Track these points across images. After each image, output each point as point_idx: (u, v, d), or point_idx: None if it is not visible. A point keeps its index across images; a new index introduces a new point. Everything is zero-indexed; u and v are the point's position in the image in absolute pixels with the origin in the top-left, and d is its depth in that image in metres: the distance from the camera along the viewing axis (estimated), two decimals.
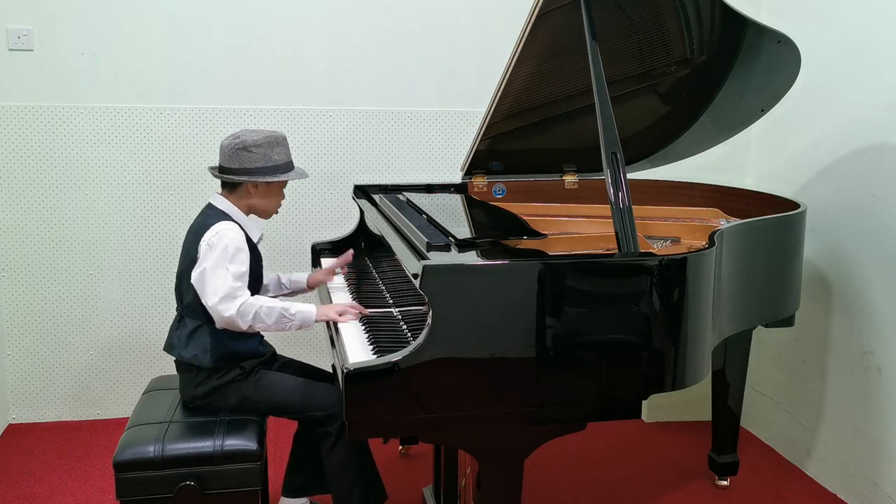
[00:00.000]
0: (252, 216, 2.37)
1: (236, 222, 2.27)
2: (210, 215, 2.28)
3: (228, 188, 2.32)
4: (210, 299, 2.17)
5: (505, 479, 1.90)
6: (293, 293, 2.63)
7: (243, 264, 2.21)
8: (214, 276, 2.16)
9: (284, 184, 2.37)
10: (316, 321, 2.24)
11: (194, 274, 2.20)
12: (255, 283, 2.35)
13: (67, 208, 3.26)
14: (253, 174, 2.26)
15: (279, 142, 2.30)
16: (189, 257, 2.25)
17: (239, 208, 2.31)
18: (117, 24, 3.20)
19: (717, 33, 2.47)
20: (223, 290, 2.15)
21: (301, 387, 2.31)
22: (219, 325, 2.21)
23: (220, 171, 2.30)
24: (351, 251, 2.68)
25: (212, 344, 2.23)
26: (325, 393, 2.30)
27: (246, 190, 2.30)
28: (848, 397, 2.88)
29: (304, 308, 2.23)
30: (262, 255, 2.40)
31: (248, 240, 2.28)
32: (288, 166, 2.33)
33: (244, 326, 2.20)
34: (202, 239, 2.21)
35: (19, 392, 3.35)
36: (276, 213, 2.41)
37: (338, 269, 2.67)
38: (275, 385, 2.30)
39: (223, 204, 2.30)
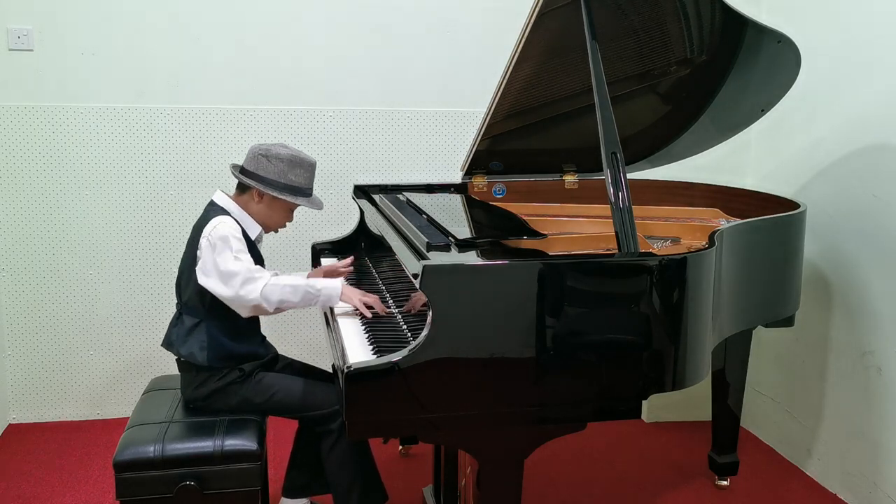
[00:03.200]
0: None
1: (235, 218, 2.27)
2: (209, 211, 2.29)
3: (240, 188, 2.34)
4: (229, 290, 2.14)
5: (505, 479, 1.90)
6: None
7: (247, 250, 2.21)
8: (226, 267, 2.15)
9: (293, 207, 2.36)
10: (341, 301, 2.22)
11: (200, 276, 2.19)
12: None
13: (67, 208, 3.26)
14: (261, 182, 2.27)
15: (303, 165, 2.30)
16: (191, 254, 2.26)
17: (241, 207, 2.32)
18: (117, 24, 3.20)
19: (717, 33, 2.47)
20: (242, 275, 2.14)
21: (301, 385, 2.32)
22: (245, 314, 2.20)
23: (240, 170, 2.32)
24: (352, 258, 2.67)
25: (208, 342, 2.24)
26: (326, 391, 2.31)
27: (251, 196, 2.31)
28: (848, 397, 2.88)
29: (330, 284, 2.22)
30: (263, 256, 2.41)
31: (247, 236, 2.28)
32: (302, 191, 2.32)
33: (270, 309, 2.18)
34: (202, 235, 2.22)
35: (19, 392, 3.35)
36: (276, 231, 2.41)
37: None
38: (275, 385, 2.30)
39: (224, 201, 2.31)
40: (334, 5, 3.34)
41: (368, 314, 2.19)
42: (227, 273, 2.15)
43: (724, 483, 2.98)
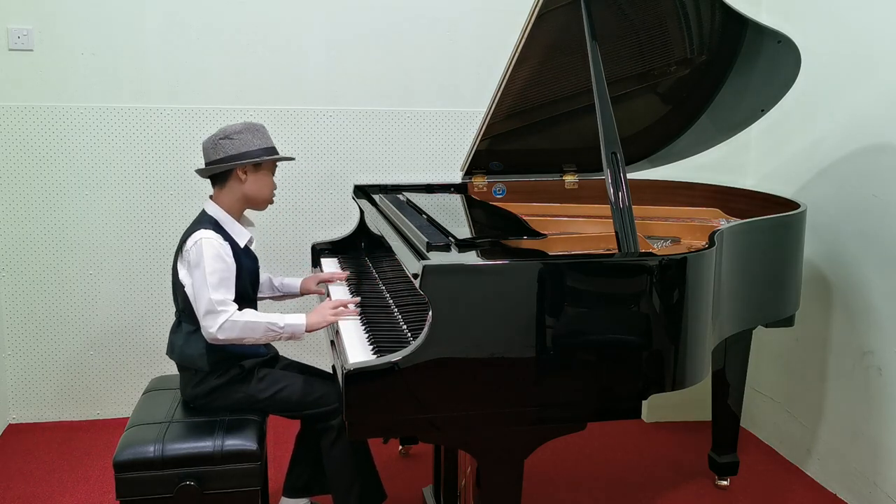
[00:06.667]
0: (245, 216, 2.35)
1: (222, 228, 2.25)
2: (196, 222, 2.27)
3: (219, 184, 2.30)
4: (198, 316, 2.18)
5: (505, 479, 1.90)
6: (284, 297, 2.62)
7: (221, 272, 2.17)
8: (198, 293, 2.16)
9: (273, 168, 2.35)
10: (307, 332, 2.21)
11: (186, 288, 2.21)
12: (252, 286, 2.35)
13: (67, 208, 3.26)
14: (239, 158, 2.24)
15: (258, 129, 2.30)
16: (176, 264, 2.27)
17: (231, 209, 2.29)
18: (117, 24, 3.20)
19: (717, 33, 2.47)
20: (204, 307, 2.14)
21: (301, 383, 2.32)
22: (210, 341, 2.18)
23: (207, 165, 2.29)
24: (346, 273, 2.65)
25: (207, 348, 2.23)
26: (326, 389, 2.31)
27: (237, 179, 2.27)
28: (848, 397, 2.88)
29: (295, 321, 2.20)
30: (258, 257, 2.40)
31: (236, 246, 2.26)
32: (271, 151, 2.31)
33: (230, 341, 2.17)
34: (185, 247, 2.22)
35: (19, 392, 3.35)
36: (272, 201, 2.37)
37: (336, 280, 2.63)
38: (276, 382, 2.30)
39: (213, 209, 2.29)
40: (334, 5, 3.34)
41: (343, 316, 2.20)
42: (195, 297, 2.17)
43: (724, 483, 2.98)
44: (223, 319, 2.13)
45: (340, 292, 2.50)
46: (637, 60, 2.52)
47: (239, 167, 2.26)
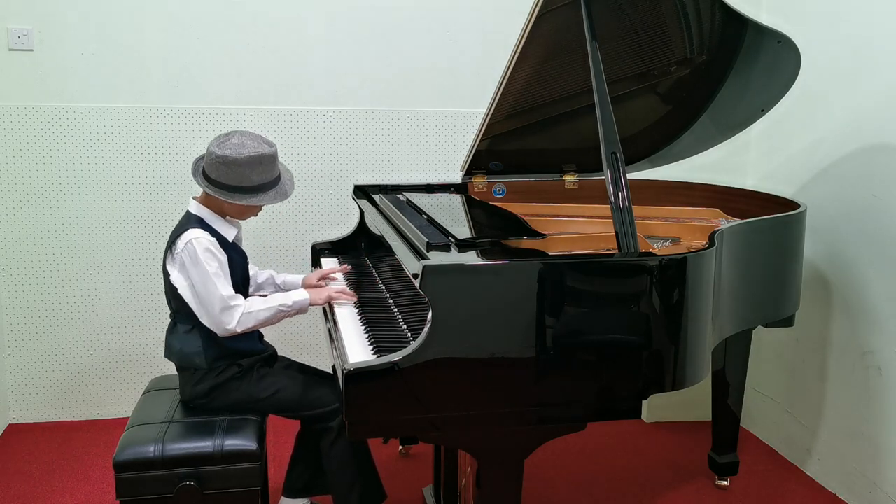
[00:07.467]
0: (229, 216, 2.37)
1: (208, 226, 2.26)
2: (183, 223, 2.28)
3: (207, 194, 2.31)
4: (207, 316, 2.19)
5: (505, 479, 1.90)
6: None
7: (218, 268, 2.19)
8: (204, 292, 2.17)
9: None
10: (311, 305, 2.31)
11: (181, 291, 2.22)
12: (243, 281, 2.36)
13: (67, 208, 3.26)
14: (226, 191, 2.22)
15: (263, 160, 2.21)
16: (166, 265, 2.27)
17: (214, 209, 2.30)
18: (117, 24, 3.20)
19: (717, 33, 2.47)
20: (218, 304, 2.16)
21: (301, 383, 2.32)
22: (222, 335, 2.21)
23: (203, 174, 2.28)
24: (348, 266, 2.67)
25: (204, 345, 2.24)
26: (326, 389, 2.32)
27: (219, 200, 2.27)
28: (848, 397, 2.88)
29: (298, 297, 2.30)
30: (254, 256, 2.41)
31: (224, 241, 2.27)
32: (264, 187, 2.25)
33: (245, 332, 2.22)
34: (175, 249, 2.22)
35: (19, 392, 3.35)
36: (254, 216, 2.37)
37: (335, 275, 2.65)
38: (275, 382, 2.31)
39: (198, 209, 2.29)
40: (334, 5, 3.34)
41: (342, 298, 2.32)
42: (205, 298, 2.17)
43: (724, 483, 2.98)
44: (239, 314, 2.19)
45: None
46: (637, 60, 2.52)
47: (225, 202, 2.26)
